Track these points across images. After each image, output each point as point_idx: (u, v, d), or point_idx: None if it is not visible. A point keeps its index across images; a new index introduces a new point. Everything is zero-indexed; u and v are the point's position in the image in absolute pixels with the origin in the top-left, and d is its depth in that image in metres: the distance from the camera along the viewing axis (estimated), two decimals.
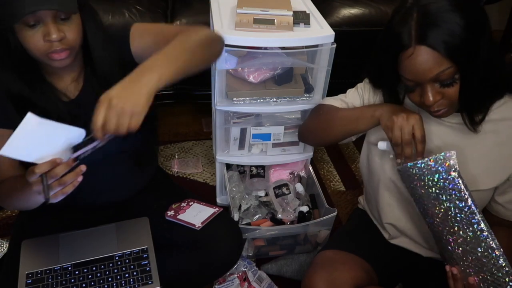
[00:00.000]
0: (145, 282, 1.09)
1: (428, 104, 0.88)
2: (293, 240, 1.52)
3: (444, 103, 0.89)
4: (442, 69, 0.82)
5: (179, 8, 2.10)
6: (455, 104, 0.90)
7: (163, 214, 1.23)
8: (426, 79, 0.85)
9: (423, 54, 0.82)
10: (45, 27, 0.90)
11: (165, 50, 0.91)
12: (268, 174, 1.65)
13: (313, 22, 1.30)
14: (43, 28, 0.90)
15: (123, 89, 0.84)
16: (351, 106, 1.15)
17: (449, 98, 0.87)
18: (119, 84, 0.85)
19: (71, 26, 0.93)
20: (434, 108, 0.90)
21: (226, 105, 1.36)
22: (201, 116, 2.20)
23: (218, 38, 1.06)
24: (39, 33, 0.90)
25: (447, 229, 0.88)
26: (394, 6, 0.90)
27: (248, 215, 1.51)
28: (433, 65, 0.82)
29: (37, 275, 1.07)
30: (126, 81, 0.85)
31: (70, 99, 1.06)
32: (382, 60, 0.92)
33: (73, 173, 0.87)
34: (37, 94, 1.00)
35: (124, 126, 0.83)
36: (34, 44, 0.91)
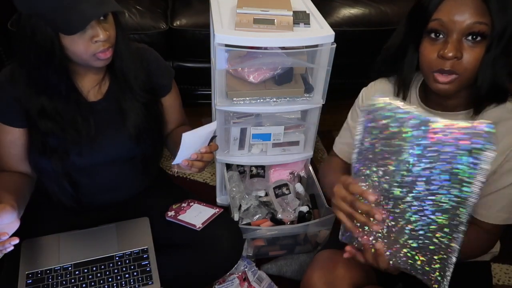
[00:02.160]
0: (145, 282, 1.10)
1: (447, 56, 0.84)
2: (293, 240, 1.52)
3: (459, 66, 0.85)
4: (481, 20, 0.82)
5: (179, 8, 2.10)
6: (465, 76, 0.86)
7: (164, 214, 1.23)
8: (461, 26, 0.83)
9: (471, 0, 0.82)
10: (92, 29, 0.94)
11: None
12: (268, 174, 1.65)
13: (313, 22, 1.30)
14: (90, 30, 0.94)
15: None
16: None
17: (466, 61, 0.85)
18: None
19: (110, 23, 0.98)
20: (448, 66, 0.85)
21: (226, 105, 1.36)
22: (201, 116, 2.20)
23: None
24: (86, 36, 0.94)
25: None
26: (394, 6, 0.90)
27: (248, 215, 1.51)
28: (475, 13, 0.82)
29: (37, 275, 1.07)
30: None
31: (91, 101, 1.08)
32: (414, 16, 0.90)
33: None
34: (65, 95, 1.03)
35: None
36: (84, 47, 0.95)
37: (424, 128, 0.71)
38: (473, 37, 0.83)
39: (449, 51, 0.84)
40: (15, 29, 0.97)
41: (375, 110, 0.75)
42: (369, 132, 0.77)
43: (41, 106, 1.01)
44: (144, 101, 1.11)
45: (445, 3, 0.85)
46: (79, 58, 0.98)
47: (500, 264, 1.57)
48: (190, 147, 0.98)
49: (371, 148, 0.78)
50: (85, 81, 1.08)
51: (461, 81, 0.88)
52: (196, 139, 0.98)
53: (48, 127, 1.03)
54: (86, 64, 1.00)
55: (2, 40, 1.88)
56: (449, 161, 0.70)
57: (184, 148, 0.96)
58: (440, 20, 0.85)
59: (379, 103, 0.75)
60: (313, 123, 1.49)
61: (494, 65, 0.85)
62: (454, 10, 0.84)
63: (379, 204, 0.80)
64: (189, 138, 0.94)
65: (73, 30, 0.91)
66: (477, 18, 0.82)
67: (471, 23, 0.83)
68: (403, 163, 0.75)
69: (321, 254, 1.14)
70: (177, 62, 2.10)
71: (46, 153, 1.05)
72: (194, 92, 2.22)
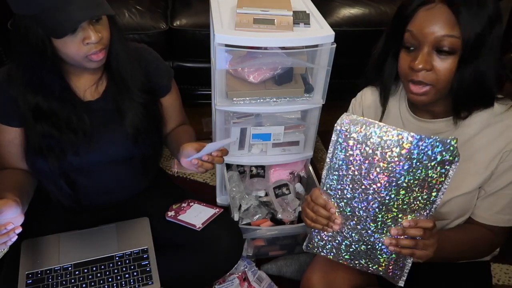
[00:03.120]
0: (145, 282, 1.10)
1: (416, 68, 0.85)
2: (293, 240, 1.52)
3: (430, 78, 0.86)
4: (450, 33, 0.81)
5: (179, 8, 2.10)
6: (439, 88, 0.87)
7: (164, 214, 1.23)
8: (430, 39, 0.83)
9: (441, 11, 0.82)
10: (84, 31, 0.94)
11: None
12: (268, 174, 1.65)
13: (313, 22, 1.30)
14: (81, 32, 0.93)
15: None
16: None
17: (438, 73, 0.85)
18: None
19: (104, 25, 0.98)
20: (419, 77, 0.86)
21: (226, 105, 1.36)
22: (201, 116, 2.20)
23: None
24: (78, 38, 0.94)
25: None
26: (394, 6, 0.90)
27: (248, 215, 1.51)
28: (445, 26, 0.81)
29: (37, 275, 1.07)
30: None
31: (88, 100, 1.08)
32: (393, 25, 0.91)
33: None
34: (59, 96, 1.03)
35: None
36: (75, 49, 0.95)
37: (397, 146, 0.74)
38: (444, 49, 0.83)
39: (418, 63, 0.85)
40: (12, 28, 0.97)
41: (344, 130, 0.78)
42: (339, 151, 0.80)
43: (37, 105, 1.01)
44: (142, 101, 1.11)
45: (417, 15, 0.85)
46: (71, 60, 0.98)
47: (500, 264, 1.57)
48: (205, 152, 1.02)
49: (341, 166, 0.81)
50: (82, 81, 1.08)
51: (435, 91, 0.88)
52: (214, 147, 1.01)
53: (44, 127, 1.03)
54: (79, 65, 1.00)
55: (2, 40, 1.89)
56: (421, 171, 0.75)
57: (202, 153, 1.00)
58: (412, 32, 0.86)
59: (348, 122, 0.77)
60: (313, 123, 1.49)
61: (467, 75, 0.84)
62: (424, 22, 0.84)
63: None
64: (211, 147, 0.99)
65: (61, 33, 0.91)
66: (446, 31, 0.82)
67: (440, 36, 0.82)
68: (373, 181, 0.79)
69: (321, 255, 1.13)
70: (177, 62, 2.10)
71: (42, 153, 1.05)
72: (194, 92, 2.22)
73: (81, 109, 1.06)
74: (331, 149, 0.81)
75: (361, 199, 0.82)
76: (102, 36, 0.96)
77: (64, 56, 0.97)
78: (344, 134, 0.78)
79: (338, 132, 0.78)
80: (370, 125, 0.75)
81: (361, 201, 0.82)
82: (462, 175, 0.94)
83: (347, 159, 0.79)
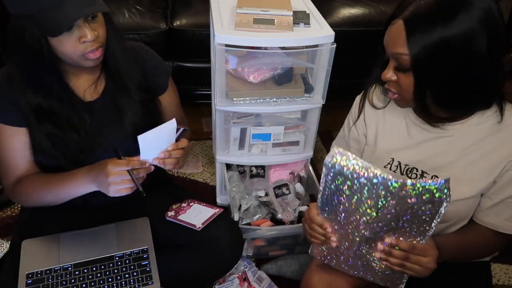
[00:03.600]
0: (145, 282, 1.09)
1: (382, 77, 0.90)
2: (293, 240, 1.52)
3: (395, 87, 0.90)
4: (400, 51, 0.83)
5: (179, 8, 2.10)
6: (405, 97, 0.90)
7: (164, 214, 1.23)
8: (389, 53, 0.87)
9: (397, 29, 0.83)
10: (80, 29, 0.94)
11: None
12: (268, 174, 1.65)
13: (313, 22, 1.30)
14: (77, 31, 0.93)
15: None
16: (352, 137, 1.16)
17: (401, 85, 0.88)
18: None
19: (100, 23, 0.98)
20: (389, 87, 0.91)
21: (226, 105, 1.36)
22: (201, 116, 2.20)
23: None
24: (74, 36, 0.93)
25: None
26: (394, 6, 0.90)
27: (248, 215, 1.51)
28: (396, 43, 0.84)
29: (37, 275, 1.07)
30: None
31: (87, 100, 1.08)
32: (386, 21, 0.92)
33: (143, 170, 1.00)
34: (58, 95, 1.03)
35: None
36: (72, 47, 0.94)
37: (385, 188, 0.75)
38: (399, 66, 0.87)
39: (383, 75, 0.91)
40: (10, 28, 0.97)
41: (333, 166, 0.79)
42: (330, 184, 0.82)
43: (38, 105, 1.02)
44: (140, 99, 1.11)
45: (387, 30, 0.88)
46: (68, 58, 0.98)
47: (500, 264, 1.57)
48: (155, 146, 1.01)
49: (332, 197, 0.84)
50: (81, 81, 1.08)
51: (404, 100, 0.92)
52: (158, 138, 1.00)
53: (47, 127, 1.03)
54: (77, 64, 1.00)
55: (2, 40, 1.89)
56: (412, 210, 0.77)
57: (146, 148, 0.98)
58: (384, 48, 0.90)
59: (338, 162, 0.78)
60: (313, 123, 1.49)
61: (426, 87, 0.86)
62: (386, 38, 0.88)
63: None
64: (146, 139, 0.96)
65: (56, 32, 0.91)
66: (397, 49, 0.84)
67: (392, 53, 0.86)
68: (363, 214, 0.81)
69: None
70: (177, 62, 2.10)
71: (45, 153, 1.05)
72: (194, 92, 2.22)
73: (80, 108, 1.06)
74: (323, 181, 0.83)
75: (353, 226, 0.84)
76: (98, 34, 0.96)
77: (61, 55, 0.97)
78: (333, 169, 0.79)
79: (329, 166, 0.79)
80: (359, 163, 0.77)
81: (354, 227, 0.84)
82: (465, 179, 0.95)
83: (337, 192, 0.81)
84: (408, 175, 1.01)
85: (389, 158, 1.03)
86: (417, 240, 0.83)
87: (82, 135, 1.06)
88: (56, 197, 1.07)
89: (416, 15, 0.81)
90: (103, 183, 0.97)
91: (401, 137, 1.02)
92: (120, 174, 0.95)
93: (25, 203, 1.17)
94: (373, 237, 0.84)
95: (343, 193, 0.81)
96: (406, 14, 0.82)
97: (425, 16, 0.81)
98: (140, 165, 0.98)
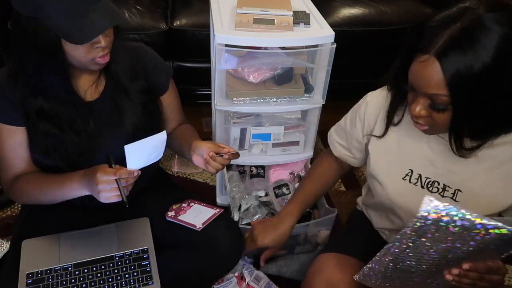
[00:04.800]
0: (146, 282, 1.09)
1: (412, 113, 0.86)
2: (293, 240, 1.52)
3: (428, 122, 0.86)
4: (438, 92, 0.79)
5: (179, 8, 2.10)
6: (437, 129, 0.87)
7: (164, 214, 1.23)
8: (423, 92, 0.82)
9: (431, 68, 0.77)
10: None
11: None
12: (268, 174, 1.65)
13: (313, 22, 1.30)
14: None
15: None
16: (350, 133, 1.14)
17: (435, 121, 0.85)
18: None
19: (110, 29, 0.98)
20: (418, 120, 0.87)
21: (226, 105, 1.36)
22: (201, 116, 2.20)
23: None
24: (89, 42, 0.94)
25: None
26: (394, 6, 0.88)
27: (248, 215, 1.51)
28: (433, 84, 0.79)
29: (37, 275, 1.07)
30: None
31: (88, 100, 1.08)
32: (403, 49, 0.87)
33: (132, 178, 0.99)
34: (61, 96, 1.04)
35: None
36: (85, 52, 0.95)
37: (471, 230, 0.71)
38: (435, 106, 0.82)
39: (412, 110, 0.85)
40: (14, 29, 0.96)
41: (427, 220, 0.71)
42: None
43: (40, 107, 1.02)
44: (141, 102, 1.11)
45: (413, 63, 0.82)
46: (77, 62, 0.98)
47: None
48: (142, 156, 1.00)
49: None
50: (81, 82, 1.08)
51: (435, 131, 0.89)
52: (146, 149, 0.99)
53: (47, 128, 1.03)
54: (84, 67, 1.00)
55: (2, 40, 1.88)
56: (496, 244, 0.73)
57: (133, 158, 0.97)
58: (410, 78, 0.84)
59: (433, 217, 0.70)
60: (313, 123, 1.49)
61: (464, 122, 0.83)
62: (417, 76, 0.82)
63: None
64: (133, 149, 0.96)
65: (83, 40, 0.91)
66: (435, 89, 0.79)
67: (430, 94, 0.80)
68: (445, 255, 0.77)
69: (322, 257, 1.13)
70: (177, 62, 2.10)
71: (45, 153, 1.05)
72: (194, 92, 2.22)
73: (84, 110, 1.06)
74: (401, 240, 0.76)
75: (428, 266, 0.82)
76: (109, 39, 0.98)
77: (71, 59, 0.97)
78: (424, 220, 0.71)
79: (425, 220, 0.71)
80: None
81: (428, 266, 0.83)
82: (488, 196, 0.93)
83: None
84: (429, 188, 0.98)
85: (407, 170, 1.01)
86: (492, 261, 0.80)
87: (83, 136, 1.06)
88: (50, 198, 1.07)
89: (450, 49, 0.76)
90: (94, 190, 0.97)
91: (420, 148, 0.99)
92: (109, 183, 0.95)
93: (22, 201, 1.18)
94: (450, 265, 0.81)
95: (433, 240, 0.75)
96: (437, 49, 0.76)
97: (461, 47, 0.75)
98: (128, 174, 0.97)
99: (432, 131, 0.90)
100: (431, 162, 0.97)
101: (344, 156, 1.19)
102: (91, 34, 0.91)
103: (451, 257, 0.78)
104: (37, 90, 1.00)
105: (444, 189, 0.97)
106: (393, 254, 0.82)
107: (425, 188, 0.99)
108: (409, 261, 0.82)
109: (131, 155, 0.96)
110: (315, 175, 1.27)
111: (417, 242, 0.76)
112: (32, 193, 1.08)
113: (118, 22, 0.96)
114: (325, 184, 1.27)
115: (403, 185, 1.01)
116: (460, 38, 0.75)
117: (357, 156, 1.16)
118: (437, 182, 0.97)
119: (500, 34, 0.74)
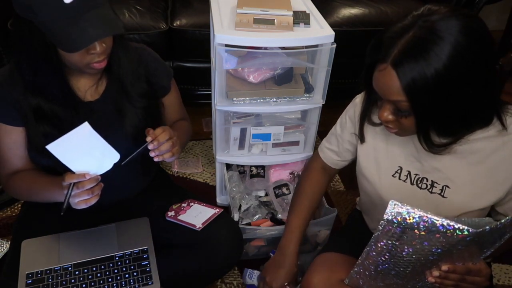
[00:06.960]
0: (145, 282, 1.09)
1: (380, 118, 0.90)
2: None
3: (397, 125, 0.89)
4: (398, 99, 0.81)
5: (179, 8, 2.10)
6: (409, 133, 0.91)
7: (164, 214, 1.23)
8: (385, 99, 0.85)
9: (389, 77, 0.80)
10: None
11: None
12: (268, 174, 1.65)
13: (313, 22, 1.30)
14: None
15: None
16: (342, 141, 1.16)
17: (402, 124, 0.88)
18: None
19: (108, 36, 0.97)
20: (388, 125, 0.90)
21: (226, 105, 1.36)
22: (201, 116, 2.20)
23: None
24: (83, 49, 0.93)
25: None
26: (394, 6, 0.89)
27: (248, 215, 1.51)
28: (392, 92, 0.81)
29: (37, 275, 1.07)
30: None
31: (88, 100, 1.08)
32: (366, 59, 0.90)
33: (98, 186, 0.97)
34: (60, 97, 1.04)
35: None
36: (79, 58, 0.95)
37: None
38: (399, 111, 0.85)
39: (380, 115, 0.89)
40: (13, 29, 0.96)
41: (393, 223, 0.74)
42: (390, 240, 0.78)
43: (38, 107, 1.02)
44: (141, 105, 1.11)
45: (375, 75, 0.85)
46: (73, 66, 0.98)
47: (500, 264, 1.57)
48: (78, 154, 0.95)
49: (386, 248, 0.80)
50: (82, 82, 1.08)
51: (405, 133, 0.92)
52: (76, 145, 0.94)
53: (44, 128, 1.03)
54: (80, 70, 1.01)
55: (2, 40, 1.88)
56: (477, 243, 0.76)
57: (66, 157, 0.94)
58: (373, 86, 0.87)
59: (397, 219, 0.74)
60: (313, 123, 1.49)
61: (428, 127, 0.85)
62: (378, 84, 0.85)
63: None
64: (58, 147, 0.92)
65: (72, 48, 0.90)
66: (395, 96, 0.82)
67: (392, 100, 0.83)
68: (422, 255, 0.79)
69: (321, 257, 1.13)
70: (177, 62, 2.10)
71: (40, 152, 1.05)
72: (194, 92, 2.22)
73: (83, 110, 1.06)
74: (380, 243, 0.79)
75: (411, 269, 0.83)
76: (106, 46, 0.97)
77: (67, 62, 0.97)
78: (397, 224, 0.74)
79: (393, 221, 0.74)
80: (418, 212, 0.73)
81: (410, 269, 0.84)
82: (476, 191, 0.94)
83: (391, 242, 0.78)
84: (419, 185, 1.00)
85: (396, 167, 1.02)
86: (472, 262, 0.82)
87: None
88: (42, 198, 1.08)
89: (404, 58, 0.78)
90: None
91: (407, 147, 1.00)
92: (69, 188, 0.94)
93: (17, 197, 1.20)
94: (427, 267, 0.82)
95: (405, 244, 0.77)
96: (393, 58, 0.79)
97: (414, 56, 0.77)
98: (77, 178, 0.93)
99: (403, 133, 0.93)
100: (417, 159, 0.99)
101: (333, 161, 1.21)
102: (82, 43, 0.89)
103: (424, 260, 0.80)
104: (35, 90, 1.00)
105: (433, 185, 0.98)
106: (372, 258, 0.84)
107: (414, 185, 1.00)
108: (387, 264, 0.84)
109: (60, 154, 0.93)
110: (306, 194, 1.25)
111: (390, 246, 0.79)
112: (26, 191, 1.09)
113: (112, 32, 0.95)
114: (316, 200, 1.27)
115: (393, 182, 1.02)
116: (413, 47, 0.78)
117: (347, 158, 1.19)
118: (426, 178, 0.99)
119: (451, 42, 0.75)
